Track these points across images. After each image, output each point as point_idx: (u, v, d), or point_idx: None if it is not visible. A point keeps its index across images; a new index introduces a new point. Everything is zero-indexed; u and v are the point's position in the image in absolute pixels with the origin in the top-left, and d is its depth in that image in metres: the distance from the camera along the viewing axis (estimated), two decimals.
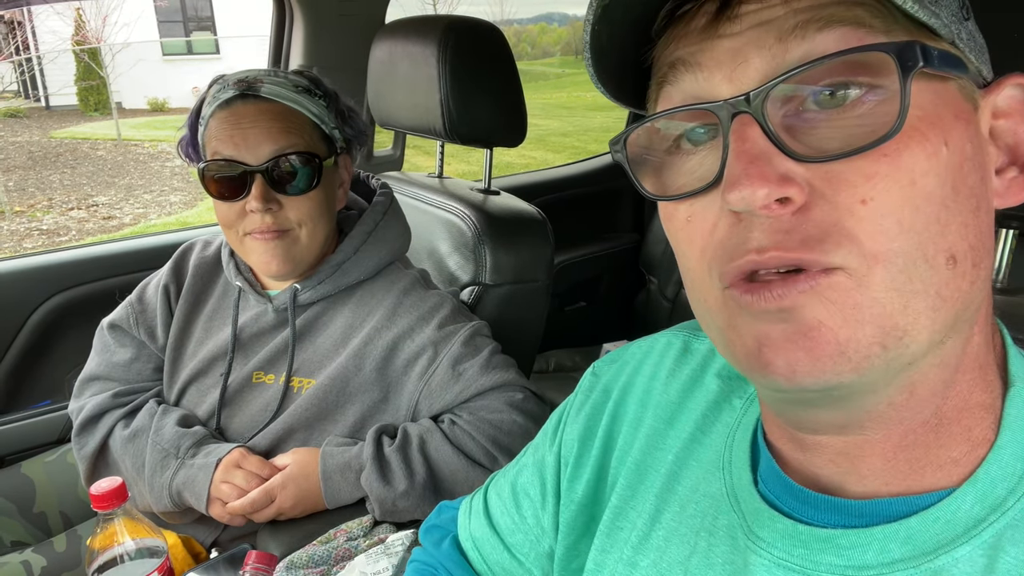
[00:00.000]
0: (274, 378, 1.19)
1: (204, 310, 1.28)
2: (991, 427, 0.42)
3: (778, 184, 0.37)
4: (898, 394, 0.40)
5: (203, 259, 1.31)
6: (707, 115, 0.40)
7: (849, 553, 0.42)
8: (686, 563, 0.51)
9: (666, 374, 0.62)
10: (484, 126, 1.39)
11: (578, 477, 0.64)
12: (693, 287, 0.44)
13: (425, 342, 1.16)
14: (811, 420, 0.43)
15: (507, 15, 20.51)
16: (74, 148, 11.19)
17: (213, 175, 1.11)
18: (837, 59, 0.37)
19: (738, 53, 0.39)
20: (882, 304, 0.37)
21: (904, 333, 0.37)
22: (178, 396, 1.24)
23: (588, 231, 2.40)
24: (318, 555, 1.01)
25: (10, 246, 6.88)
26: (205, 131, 1.13)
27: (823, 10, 0.38)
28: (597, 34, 0.43)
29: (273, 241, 1.13)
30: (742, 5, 0.39)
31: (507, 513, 0.72)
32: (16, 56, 13.84)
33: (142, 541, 0.87)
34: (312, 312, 1.21)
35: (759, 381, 0.41)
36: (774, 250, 0.38)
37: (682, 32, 0.42)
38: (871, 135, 0.36)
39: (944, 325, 0.38)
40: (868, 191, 0.37)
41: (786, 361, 0.38)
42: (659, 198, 0.44)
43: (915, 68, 0.36)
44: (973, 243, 0.39)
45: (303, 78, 1.17)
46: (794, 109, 0.39)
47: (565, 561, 0.63)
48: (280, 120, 1.11)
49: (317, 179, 1.13)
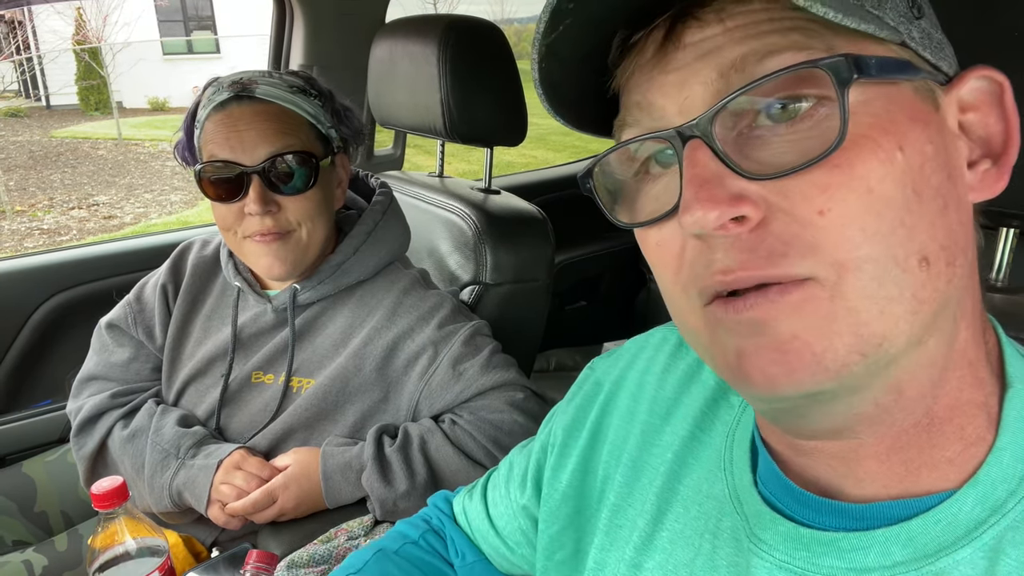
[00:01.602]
0: (273, 378, 1.19)
1: (202, 310, 1.28)
2: (985, 425, 0.42)
3: (729, 204, 0.37)
4: (884, 394, 0.40)
5: (201, 258, 1.31)
6: (666, 142, 0.41)
7: (851, 556, 0.42)
8: (691, 565, 0.51)
9: (660, 369, 0.62)
10: (484, 125, 1.39)
11: (562, 466, 0.64)
12: (673, 309, 0.45)
13: (425, 342, 1.16)
14: (802, 426, 0.43)
15: (507, 14, 20.49)
16: (75, 147, 11.20)
17: (210, 177, 1.11)
18: (776, 77, 0.37)
19: (684, 85, 0.40)
20: (857, 312, 0.37)
21: (883, 339, 0.38)
22: (177, 396, 1.24)
23: (588, 230, 2.39)
24: (319, 554, 1.01)
25: (11, 245, 6.88)
26: (201, 134, 1.13)
27: (760, 40, 0.38)
28: (546, 72, 0.44)
29: (274, 243, 1.13)
30: (686, 30, 0.40)
31: (496, 488, 0.75)
32: (17, 55, 13.84)
33: (143, 540, 0.87)
34: (312, 312, 1.21)
35: (742, 391, 0.42)
36: (740, 271, 0.38)
37: (636, 62, 0.43)
38: (820, 147, 0.37)
39: (923, 326, 0.39)
40: (825, 202, 0.37)
41: (763, 375, 0.39)
42: (628, 225, 0.45)
43: (850, 80, 0.36)
44: (944, 242, 0.38)
45: (298, 78, 1.17)
46: (746, 127, 0.39)
47: (549, 551, 0.64)
48: (275, 121, 1.11)
49: (314, 179, 1.13)
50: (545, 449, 0.68)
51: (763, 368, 0.39)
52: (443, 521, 0.79)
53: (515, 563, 0.74)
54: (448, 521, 0.79)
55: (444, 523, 0.79)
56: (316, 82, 1.19)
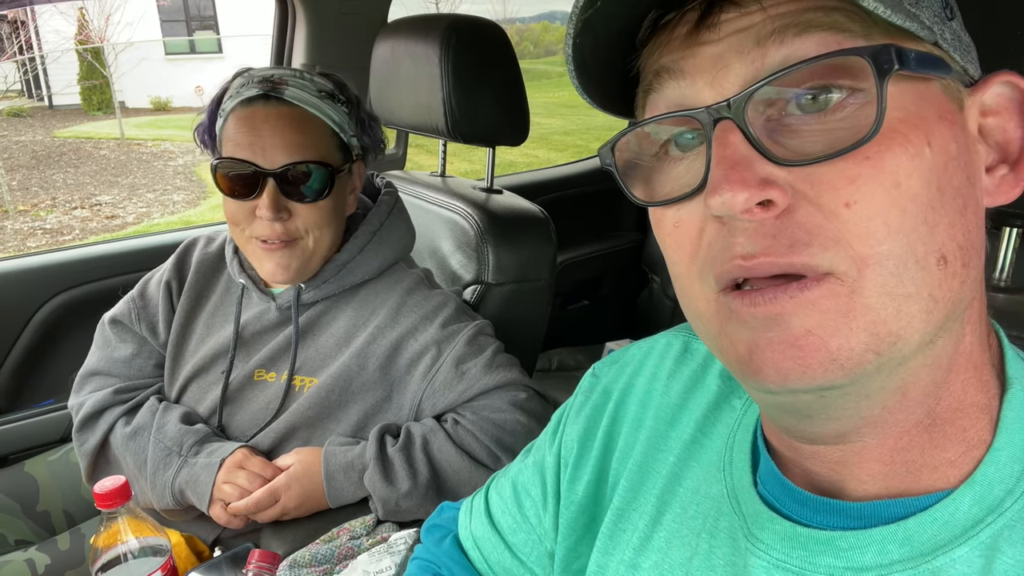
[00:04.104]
0: (275, 376, 1.19)
1: (206, 307, 1.28)
2: (987, 428, 0.42)
3: (758, 188, 0.37)
4: (891, 397, 0.40)
5: (206, 255, 1.31)
6: (692, 121, 0.41)
7: (848, 555, 0.42)
8: (687, 565, 0.51)
9: (666, 375, 0.62)
10: (486, 125, 1.39)
11: (578, 478, 0.64)
12: (684, 294, 0.44)
13: (428, 341, 1.16)
14: (807, 429, 0.43)
15: (510, 13, 20.49)
16: (77, 147, 11.21)
17: (226, 172, 1.10)
18: (815, 63, 0.37)
19: (719, 60, 0.40)
20: (875, 310, 0.37)
21: (897, 338, 0.38)
22: (179, 393, 1.25)
23: (591, 230, 2.40)
24: (321, 554, 1.01)
25: (14, 245, 6.90)
26: (223, 125, 1.13)
27: (801, 15, 0.38)
28: (579, 47, 0.44)
29: (280, 251, 1.13)
30: (722, 13, 0.40)
31: (508, 512, 0.72)
32: (19, 55, 13.87)
33: (145, 540, 0.87)
34: (315, 310, 1.21)
35: (750, 384, 0.41)
36: (763, 256, 0.38)
37: (665, 40, 0.42)
38: (851, 138, 0.37)
39: (936, 326, 0.39)
40: (852, 194, 0.37)
41: (775, 369, 0.38)
42: (647, 204, 0.44)
43: (891, 71, 0.36)
44: (962, 243, 0.39)
45: (329, 81, 1.17)
46: (776, 113, 0.39)
47: (566, 562, 0.63)
48: (298, 129, 1.10)
49: (329, 188, 1.13)
50: (559, 462, 0.67)
51: (776, 362, 0.38)
52: (455, 571, 0.76)
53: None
54: (460, 569, 0.75)
55: (456, 573, 0.75)
56: (347, 88, 1.19)
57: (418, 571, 0.76)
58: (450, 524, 0.80)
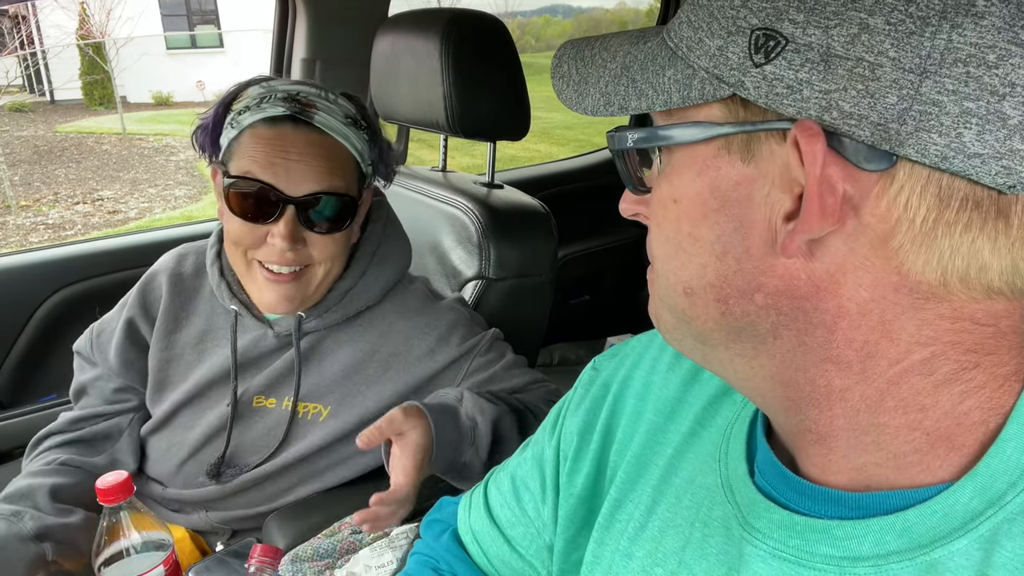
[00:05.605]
0: (275, 402, 1.15)
1: (190, 330, 1.20)
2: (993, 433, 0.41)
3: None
4: (740, 358, 0.45)
5: (179, 275, 1.22)
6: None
7: (845, 544, 0.42)
8: (681, 553, 0.52)
9: (665, 368, 0.62)
10: (487, 120, 1.39)
11: (577, 471, 0.64)
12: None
13: (448, 360, 1.16)
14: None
15: (511, 8, 20.44)
16: (79, 142, 11.22)
17: (241, 191, 1.03)
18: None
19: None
20: (662, 300, 0.48)
21: (690, 319, 0.45)
22: (165, 418, 1.19)
23: (592, 225, 2.40)
24: (323, 548, 1.02)
25: (16, 240, 6.91)
26: (238, 137, 1.05)
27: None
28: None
29: (287, 283, 1.08)
30: None
31: (507, 506, 0.72)
32: (21, 51, 13.86)
33: (148, 535, 0.87)
34: (316, 336, 1.16)
35: None
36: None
37: None
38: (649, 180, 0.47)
39: (701, 334, 0.45)
40: (652, 223, 0.47)
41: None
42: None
43: (620, 149, 0.46)
44: (713, 282, 0.42)
45: (352, 104, 1.11)
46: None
47: (565, 554, 0.64)
48: (327, 158, 1.05)
49: (349, 221, 1.09)
50: (558, 455, 0.67)
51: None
52: (454, 566, 0.76)
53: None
54: (459, 563, 0.76)
55: (455, 567, 0.76)
56: (366, 112, 1.14)
57: (417, 566, 0.76)
58: (449, 519, 0.81)
